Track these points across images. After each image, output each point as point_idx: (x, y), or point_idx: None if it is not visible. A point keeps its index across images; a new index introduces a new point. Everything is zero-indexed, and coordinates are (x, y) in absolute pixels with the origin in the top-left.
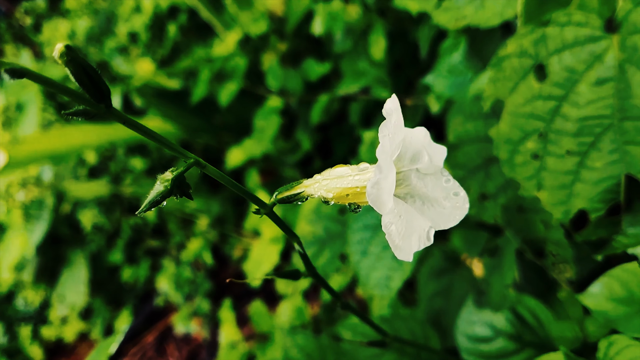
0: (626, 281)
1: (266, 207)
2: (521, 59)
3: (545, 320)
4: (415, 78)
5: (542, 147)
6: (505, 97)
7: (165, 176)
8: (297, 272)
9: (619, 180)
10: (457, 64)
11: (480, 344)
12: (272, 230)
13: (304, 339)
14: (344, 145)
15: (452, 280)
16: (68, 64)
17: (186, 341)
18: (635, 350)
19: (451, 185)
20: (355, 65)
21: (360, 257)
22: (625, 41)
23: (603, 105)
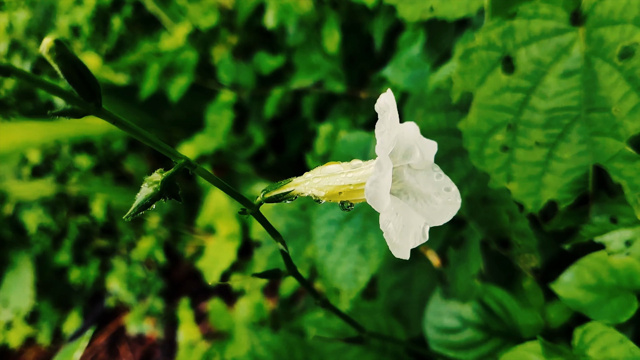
0: (596, 269)
1: (252, 207)
2: (489, 51)
3: (511, 310)
4: (369, 71)
5: (511, 139)
6: (474, 90)
7: (153, 178)
8: (278, 271)
9: (587, 170)
10: (416, 57)
11: (448, 335)
12: (228, 226)
13: (271, 337)
14: (298, 139)
15: (412, 272)
16: (58, 60)
17: (140, 341)
18: (610, 336)
19: (442, 180)
20: (308, 59)
21: (325, 252)
22: (591, 33)
23: (570, 97)
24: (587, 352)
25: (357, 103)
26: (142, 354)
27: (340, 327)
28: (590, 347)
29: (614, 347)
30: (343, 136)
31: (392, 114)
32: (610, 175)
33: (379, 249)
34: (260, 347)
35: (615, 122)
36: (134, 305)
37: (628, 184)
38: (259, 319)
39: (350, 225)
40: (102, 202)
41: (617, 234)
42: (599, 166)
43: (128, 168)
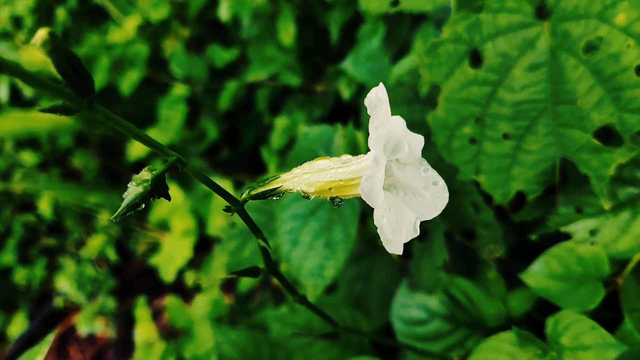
0: (564, 258)
1: (237, 205)
2: (456, 44)
3: (477, 300)
4: (325, 64)
5: (479, 131)
6: (441, 83)
7: (142, 176)
8: (257, 269)
9: (554, 162)
10: (375, 50)
11: (416, 326)
12: (183, 223)
13: (236, 334)
14: (252, 133)
15: (372, 264)
16: (52, 53)
17: (91, 342)
18: (582, 324)
19: (430, 174)
20: (263, 52)
21: (290, 247)
22: (556, 28)
23: (537, 89)
24: (560, 340)
25: (313, 96)
26: (93, 355)
27: (305, 322)
28: (563, 335)
29: (586, 334)
30: (305, 130)
31: (385, 108)
32: (577, 166)
33: (345, 242)
34: (226, 344)
35: (582, 114)
36: (84, 304)
37: (594, 175)
38: (217, 316)
39: (315, 220)
40: (49, 200)
41: (582, 224)
42: (566, 158)
43: (76, 164)
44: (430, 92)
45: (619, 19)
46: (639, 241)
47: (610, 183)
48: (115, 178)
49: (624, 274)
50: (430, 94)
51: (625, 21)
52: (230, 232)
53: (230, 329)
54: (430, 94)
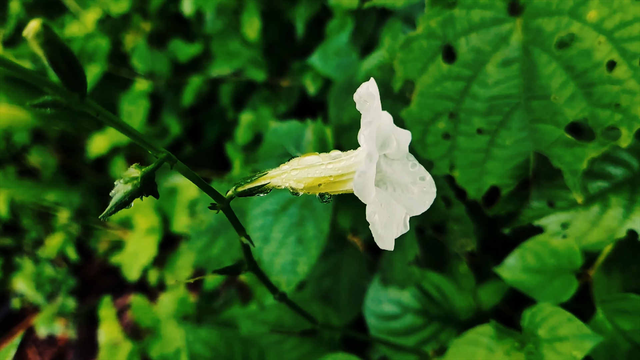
0: (538, 252)
1: (223, 202)
2: (429, 40)
3: (449, 294)
4: (289, 59)
5: (453, 126)
6: (415, 78)
7: (130, 173)
8: (238, 267)
9: (528, 156)
10: (344, 45)
11: (389, 321)
12: (147, 220)
13: (208, 333)
14: (215, 128)
15: (340, 260)
16: (44, 45)
17: (50, 343)
18: (559, 316)
19: (417, 169)
20: (227, 46)
21: (261, 244)
22: (529, 24)
23: (510, 85)
24: (537, 332)
25: (278, 91)
26: (53, 356)
27: (276, 319)
28: (540, 327)
29: (563, 326)
30: (274, 125)
31: (376, 103)
32: (550, 160)
33: (317, 238)
34: (198, 343)
35: (555, 109)
36: (43, 305)
37: (567, 169)
38: (183, 314)
39: (286, 216)
40: (5, 198)
41: (554, 217)
42: (540, 152)
43: (33, 161)
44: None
45: (590, 15)
46: (609, 234)
47: (582, 177)
48: (75, 175)
49: (595, 266)
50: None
51: (597, 18)
52: (198, 229)
53: (201, 328)
54: (401, 90)
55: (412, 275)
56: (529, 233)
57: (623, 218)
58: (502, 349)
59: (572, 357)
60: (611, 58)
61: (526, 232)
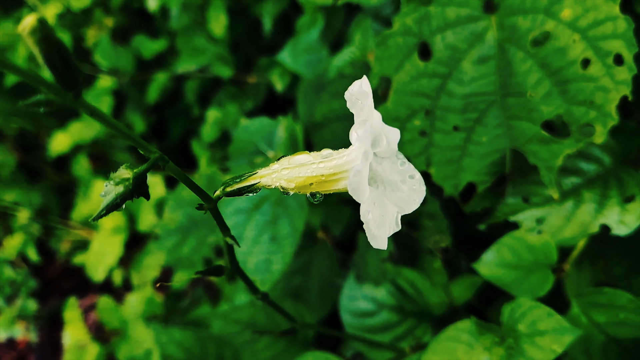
0: (515, 247)
1: (211, 202)
2: (405, 37)
3: (423, 290)
4: (256, 55)
5: (429, 124)
6: (392, 75)
7: (121, 174)
8: (220, 267)
9: (504, 153)
10: (314, 42)
11: (365, 318)
12: (113, 220)
13: (181, 334)
14: (180, 125)
15: (311, 257)
16: (40, 42)
17: (10, 347)
18: (538, 311)
19: (406, 167)
20: (193, 42)
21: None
22: (504, 21)
23: (486, 82)
24: (517, 327)
25: (244, 88)
26: None
27: (249, 318)
28: (520, 322)
29: (543, 320)
30: (245, 122)
31: (370, 101)
32: (526, 157)
33: (292, 236)
34: (171, 345)
35: (531, 106)
36: (2, 308)
37: (543, 166)
38: (151, 314)
39: (259, 214)
40: None
41: (529, 213)
42: (516, 149)
43: None
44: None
45: (564, 14)
46: (582, 229)
47: (557, 173)
48: (35, 174)
49: (569, 260)
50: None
51: (571, 16)
52: (168, 228)
53: (174, 329)
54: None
55: (387, 272)
56: (501, 229)
57: (596, 213)
58: (482, 345)
59: (552, 351)
60: (585, 56)
61: (498, 229)
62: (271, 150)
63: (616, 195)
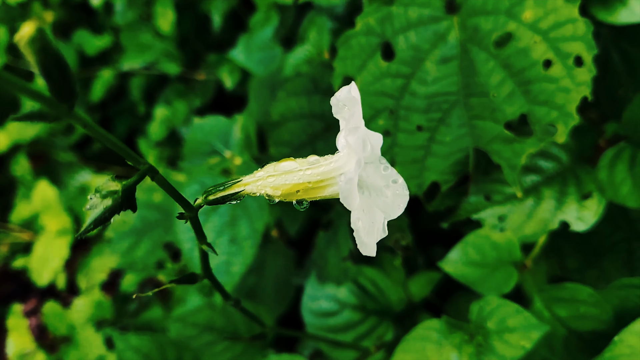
0: (479, 245)
1: (192, 211)
2: (368, 37)
3: (384, 288)
4: (204, 52)
5: (393, 123)
6: (355, 75)
7: (108, 186)
8: (194, 275)
9: (467, 152)
10: (268, 40)
11: (327, 318)
12: (57, 221)
13: (139, 339)
14: (125, 123)
15: (265, 256)
16: (39, 53)
17: None
18: (507, 308)
19: (389, 172)
20: (138, 39)
21: (192, 244)
22: (466, 22)
23: (449, 82)
24: (486, 325)
25: (192, 85)
26: None
27: (207, 321)
28: (489, 320)
29: (511, 317)
30: (198, 121)
31: (359, 108)
32: (490, 156)
33: (252, 238)
34: (129, 351)
35: (493, 106)
36: None
37: (507, 164)
38: (100, 318)
39: (217, 215)
40: None
41: (491, 211)
42: (479, 148)
43: None
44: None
45: (525, 16)
46: (543, 225)
47: (520, 172)
48: None
49: (531, 256)
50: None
51: (532, 18)
52: (121, 230)
53: (131, 334)
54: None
55: (348, 271)
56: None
57: (555, 210)
58: (452, 343)
59: (521, 347)
60: (547, 57)
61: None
62: (228, 150)
63: (574, 193)
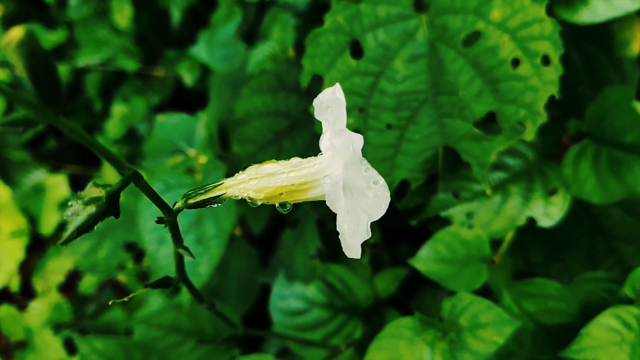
0: (449, 242)
1: (171, 215)
2: (337, 35)
3: (352, 285)
4: (161, 48)
5: (362, 122)
6: (324, 73)
7: (91, 193)
8: (169, 279)
9: (437, 150)
10: (231, 36)
11: (295, 317)
12: (12, 222)
13: (103, 342)
14: (81, 121)
15: (228, 255)
16: (27, 57)
17: None
18: (479, 305)
19: (370, 173)
20: (94, 34)
21: (157, 245)
22: (434, 21)
23: (418, 80)
24: (458, 321)
25: (150, 81)
26: None
27: (172, 322)
28: (461, 316)
29: (483, 313)
30: (161, 119)
31: (344, 110)
32: (459, 154)
33: (219, 237)
34: (93, 355)
35: (463, 104)
36: None
37: (476, 162)
38: (59, 321)
39: (182, 215)
40: None
41: (460, 208)
42: (449, 146)
43: None
44: (295, 80)
45: (494, 15)
46: (510, 221)
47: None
48: None
49: (499, 252)
50: (295, 81)
51: (500, 17)
52: None
53: (95, 338)
54: (295, 82)
55: (316, 269)
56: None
57: (522, 206)
58: (425, 340)
59: (493, 343)
60: (515, 56)
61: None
62: (191, 149)
63: (540, 189)
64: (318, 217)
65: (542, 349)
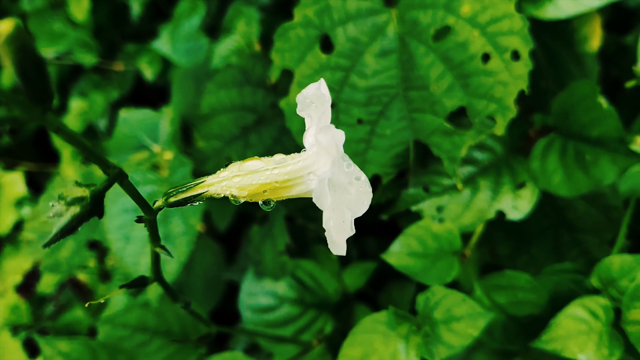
0: (421, 236)
1: (152, 214)
2: (306, 29)
3: (322, 280)
4: (120, 41)
5: (333, 117)
6: (294, 68)
7: (75, 192)
8: (144, 279)
9: (408, 145)
10: (195, 30)
11: (265, 314)
12: None
13: (68, 344)
14: None
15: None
16: (17, 52)
17: None
18: (453, 298)
19: (352, 170)
20: (49, 26)
21: (123, 243)
22: (404, 15)
23: (389, 75)
24: (433, 315)
25: (109, 76)
26: None
27: (138, 321)
28: (436, 310)
29: (457, 306)
30: (125, 114)
31: (329, 106)
32: (430, 148)
33: (187, 234)
34: (57, 357)
35: (433, 99)
36: None
37: (446, 157)
38: (17, 323)
39: None
40: None
41: (430, 202)
42: (419, 141)
43: None
44: (261, 75)
45: (464, 10)
46: (480, 215)
47: (460, 164)
48: None
49: (469, 245)
50: (261, 76)
51: (470, 13)
52: (43, 230)
53: (60, 340)
54: (261, 77)
55: (285, 265)
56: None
57: (491, 200)
58: (399, 334)
59: (468, 335)
60: (485, 51)
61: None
62: (156, 145)
63: (509, 182)
64: (286, 213)
65: (512, 340)
